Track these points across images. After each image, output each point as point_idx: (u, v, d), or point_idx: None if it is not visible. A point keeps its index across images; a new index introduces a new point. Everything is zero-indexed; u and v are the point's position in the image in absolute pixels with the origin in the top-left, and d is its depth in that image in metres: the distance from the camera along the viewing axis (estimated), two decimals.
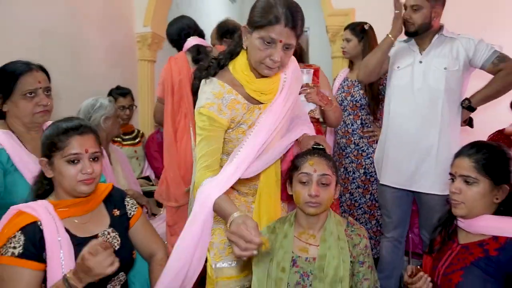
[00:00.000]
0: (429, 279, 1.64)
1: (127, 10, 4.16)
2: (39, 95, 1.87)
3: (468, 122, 2.63)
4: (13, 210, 1.49)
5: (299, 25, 1.55)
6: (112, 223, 1.66)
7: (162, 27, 4.32)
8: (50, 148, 1.51)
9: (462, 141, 2.57)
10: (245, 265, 1.85)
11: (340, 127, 3.00)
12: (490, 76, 2.46)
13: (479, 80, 2.51)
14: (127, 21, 4.16)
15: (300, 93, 2.13)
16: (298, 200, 1.69)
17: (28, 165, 1.82)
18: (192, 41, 2.90)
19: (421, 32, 2.52)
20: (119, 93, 3.39)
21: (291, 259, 1.68)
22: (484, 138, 2.91)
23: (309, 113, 2.26)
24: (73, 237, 1.52)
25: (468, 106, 2.49)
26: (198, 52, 2.84)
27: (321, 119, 2.61)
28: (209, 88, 1.66)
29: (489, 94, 2.46)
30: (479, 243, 1.59)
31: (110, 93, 3.38)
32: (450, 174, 1.66)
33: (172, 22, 3.05)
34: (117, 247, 1.62)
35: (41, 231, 1.44)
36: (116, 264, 1.39)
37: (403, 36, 2.60)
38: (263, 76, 1.68)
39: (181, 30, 2.97)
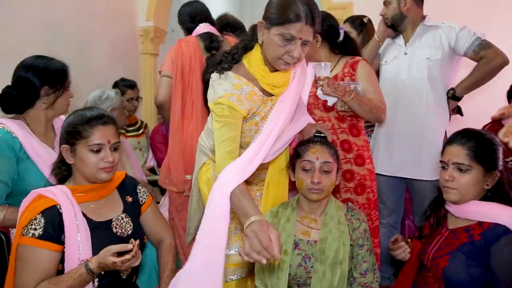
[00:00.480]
0: (408, 250, 1.72)
1: (130, 5, 4.14)
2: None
3: (457, 111, 2.63)
4: (33, 193, 1.52)
5: (317, 22, 1.56)
6: (125, 209, 1.68)
7: (164, 21, 4.34)
8: (73, 136, 1.53)
9: (454, 130, 2.60)
10: None
11: None
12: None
13: (469, 68, 2.49)
14: (130, 16, 4.14)
15: (316, 87, 2.13)
16: (301, 186, 1.70)
17: (40, 153, 1.84)
18: (204, 27, 2.80)
19: (397, 24, 2.55)
20: (127, 85, 3.37)
21: (294, 242, 1.70)
22: (479, 127, 2.90)
23: (331, 105, 2.17)
24: (89, 221, 1.55)
25: (453, 95, 2.49)
26: (211, 41, 2.74)
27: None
28: (227, 81, 1.66)
29: (472, 83, 2.45)
30: (465, 228, 1.60)
31: (116, 85, 3.35)
32: (442, 162, 1.66)
33: (187, 4, 2.94)
34: (130, 231, 1.65)
35: (60, 214, 1.47)
36: (139, 261, 1.46)
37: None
38: (275, 70, 1.69)
39: (194, 14, 2.85)
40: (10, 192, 1.79)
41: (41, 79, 1.85)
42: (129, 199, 1.72)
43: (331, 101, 2.15)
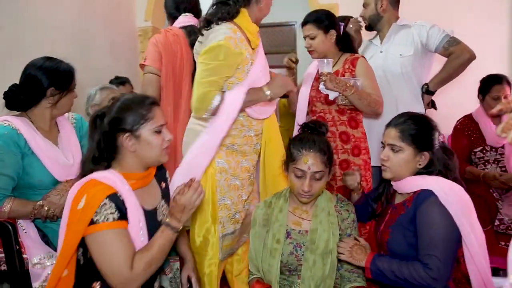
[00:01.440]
0: (358, 180, 1.90)
1: (130, 6, 4.09)
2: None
3: (432, 105, 2.64)
4: (87, 179, 1.40)
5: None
6: (163, 195, 1.62)
7: (162, 21, 4.28)
8: (137, 121, 1.43)
9: None
10: (243, 231, 2.01)
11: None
12: None
13: (441, 64, 2.52)
14: (129, 16, 4.09)
15: (319, 82, 2.15)
16: (292, 188, 1.69)
17: (44, 149, 1.81)
18: (187, 19, 2.44)
19: (373, 24, 2.60)
20: (118, 82, 3.32)
21: (286, 231, 1.69)
22: (452, 121, 2.93)
23: (335, 99, 2.19)
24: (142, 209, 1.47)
25: (427, 90, 2.52)
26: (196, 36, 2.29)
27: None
28: (223, 26, 1.78)
29: (444, 77, 2.49)
30: (403, 202, 1.62)
31: (110, 83, 3.26)
32: (382, 143, 1.68)
33: None
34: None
35: (122, 202, 1.37)
36: (203, 194, 1.43)
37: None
38: None
39: (180, 2, 2.47)
40: (16, 186, 1.76)
41: (49, 79, 1.82)
42: (163, 185, 1.66)
43: (332, 95, 2.18)
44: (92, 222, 1.31)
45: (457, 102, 3.13)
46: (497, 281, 1.48)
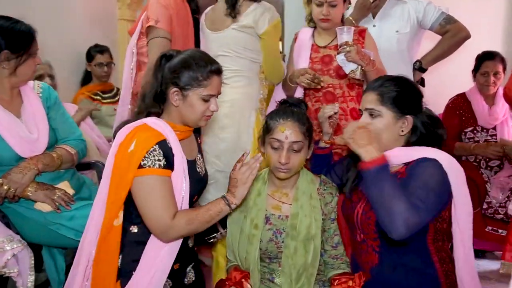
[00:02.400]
0: (336, 110, 1.75)
1: None
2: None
3: (421, 82, 2.62)
4: (139, 123, 1.43)
5: None
6: (199, 149, 1.66)
7: None
8: (190, 82, 1.44)
9: None
10: None
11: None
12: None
13: (432, 42, 2.55)
14: None
15: (338, 52, 1.95)
16: (269, 163, 1.59)
17: (3, 120, 1.68)
18: None
19: None
20: (97, 50, 3.18)
21: (265, 216, 1.62)
22: (442, 99, 2.93)
23: (349, 73, 1.98)
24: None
25: (420, 67, 2.50)
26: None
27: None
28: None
29: (438, 55, 2.49)
30: (393, 175, 1.45)
31: (89, 51, 3.18)
32: (359, 110, 1.55)
33: None
34: (203, 172, 1.63)
35: (170, 149, 1.41)
36: (255, 170, 1.43)
37: None
38: None
39: None
40: None
41: (3, 40, 1.64)
42: (199, 140, 1.70)
43: (348, 68, 1.97)
44: (140, 166, 1.36)
45: (448, 80, 3.16)
46: (480, 264, 1.45)
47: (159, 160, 1.38)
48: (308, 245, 1.56)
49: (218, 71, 1.48)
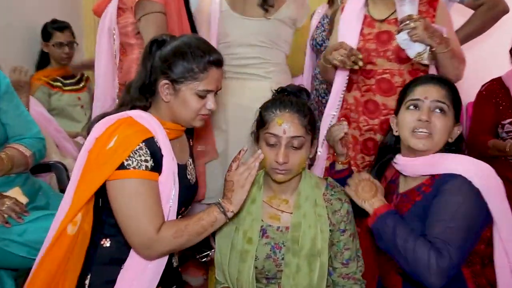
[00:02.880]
0: (345, 129, 1.78)
1: None
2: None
3: None
4: (123, 115, 1.45)
5: None
6: (190, 153, 1.70)
7: None
8: (183, 75, 1.46)
9: None
10: None
11: (319, 71, 2.83)
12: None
13: (464, 17, 2.54)
14: None
15: (399, 30, 1.85)
16: (264, 163, 1.59)
17: None
18: None
19: None
20: (56, 27, 3.15)
21: (260, 228, 1.63)
22: (476, 85, 2.89)
23: (414, 57, 1.88)
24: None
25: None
26: None
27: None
28: None
29: (470, 32, 2.47)
30: (417, 187, 1.55)
31: (45, 28, 3.14)
32: (413, 100, 1.57)
33: None
34: (194, 180, 1.67)
35: (159, 149, 1.44)
36: (254, 170, 1.45)
37: None
38: None
39: None
40: None
41: None
42: (191, 142, 1.74)
43: (413, 50, 1.88)
44: (121, 167, 1.36)
45: (482, 62, 3.12)
46: None
47: (146, 161, 1.39)
48: (313, 262, 1.57)
49: (218, 63, 1.49)
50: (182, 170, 1.56)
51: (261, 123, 1.60)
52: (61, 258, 1.43)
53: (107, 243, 1.47)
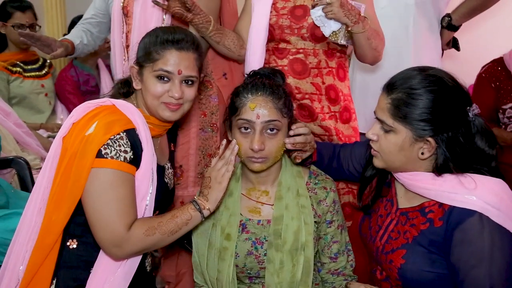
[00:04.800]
0: None
1: None
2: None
3: (453, 44, 2.64)
4: (104, 101, 1.49)
5: None
6: (170, 157, 1.74)
7: None
8: (144, 56, 1.54)
9: (447, 70, 2.58)
10: None
11: None
12: None
13: None
14: None
15: (313, 5, 1.85)
16: (239, 152, 1.60)
17: None
18: None
19: None
20: (16, 6, 3.11)
21: (239, 223, 1.64)
22: (477, 66, 2.90)
23: (329, 36, 1.89)
24: None
25: (449, 24, 2.50)
26: None
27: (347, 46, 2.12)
28: None
29: (474, 7, 2.46)
30: (420, 209, 1.50)
31: (3, 6, 3.10)
32: (375, 112, 1.53)
33: None
34: (172, 185, 1.71)
35: (139, 142, 1.47)
36: (229, 174, 1.49)
37: None
38: None
39: None
40: None
41: None
42: (172, 147, 1.78)
43: (328, 29, 1.89)
44: (98, 154, 1.39)
45: (483, 41, 3.09)
46: None
47: (125, 151, 1.42)
48: (297, 257, 1.58)
49: (174, 42, 1.52)
50: (160, 171, 1.58)
51: (233, 109, 1.61)
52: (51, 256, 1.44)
53: (73, 244, 1.48)
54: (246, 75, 1.74)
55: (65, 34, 2.89)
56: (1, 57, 3.11)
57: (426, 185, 1.47)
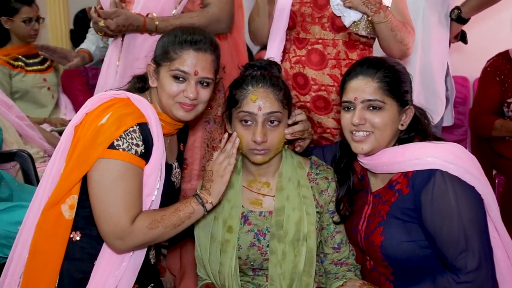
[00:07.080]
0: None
1: None
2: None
3: (461, 37, 2.63)
4: (120, 94, 1.53)
5: None
6: (178, 157, 1.76)
7: None
8: (161, 55, 1.57)
9: (454, 62, 2.58)
10: None
11: None
12: None
13: None
14: None
15: None
16: (240, 144, 1.61)
17: None
18: None
19: None
20: (22, 1, 3.10)
21: (241, 215, 1.66)
22: (484, 60, 2.92)
23: (351, 26, 1.86)
24: None
25: (458, 17, 2.49)
26: None
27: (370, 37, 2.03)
28: None
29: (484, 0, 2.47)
30: (389, 185, 1.59)
31: (8, 2, 3.08)
32: (345, 102, 1.59)
33: None
34: (179, 184, 1.74)
35: (151, 136, 1.50)
36: (231, 167, 1.52)
37: None
38: None
39: None
40: None
41: None
42: (182, 147, 1.81)
43: (349, 19, 1.86)
44: (110, 146, 1.41)
45: (490, 35, 3.08)
46: None
47: (137, 145, 1.44)
48: (299, 247, 1.60)
49: (192, 43, 1.55)
50: (167, 169, 1.60)
51: (233, 102, 1.62)
52: (61, 245, 1.47)
53: (77, 236, 1.50)
54: (241, 68, 1.75)
55: (71, 30, 2.92)
56: (2, 52, 3.11)
57: (390, 159, 1.57)
